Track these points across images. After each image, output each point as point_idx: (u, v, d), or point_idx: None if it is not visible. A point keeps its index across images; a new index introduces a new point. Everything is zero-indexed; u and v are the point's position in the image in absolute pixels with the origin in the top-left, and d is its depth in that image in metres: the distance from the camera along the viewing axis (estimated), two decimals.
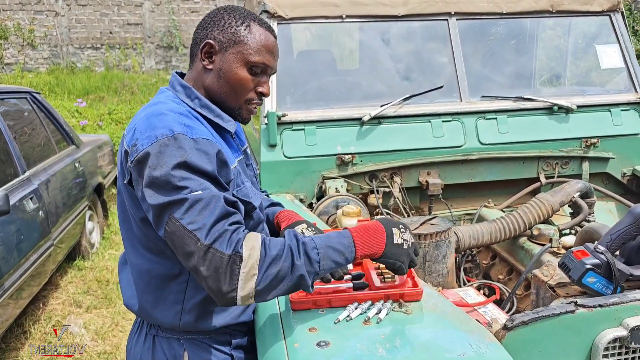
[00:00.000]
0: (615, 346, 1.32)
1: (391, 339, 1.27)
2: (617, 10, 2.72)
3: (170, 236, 1.17)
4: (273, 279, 1.18)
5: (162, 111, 1.26)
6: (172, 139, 1.19)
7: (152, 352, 1.44)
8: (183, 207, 1.16)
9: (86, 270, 4.46)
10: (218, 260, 1.14)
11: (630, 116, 2.60)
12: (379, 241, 1.29)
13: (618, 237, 1.43)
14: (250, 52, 1.34)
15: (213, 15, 1.39)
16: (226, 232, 1.16)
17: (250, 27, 1.36)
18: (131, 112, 6.88)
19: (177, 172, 1.17)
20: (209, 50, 1.36)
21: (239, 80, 1.35)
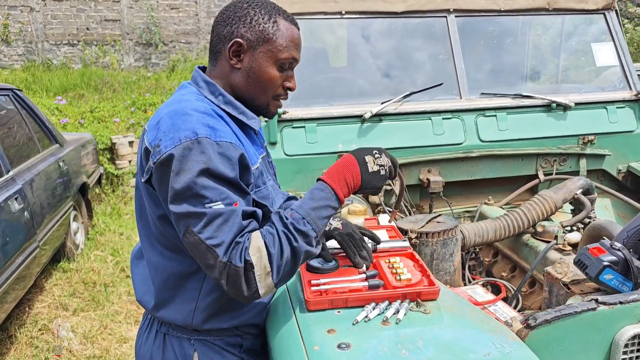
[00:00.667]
0: (635, 342, 1.32)
1: (413, 339, 1.24)
2: (612, 8, 2.75)
3: (189, 246, 1.21)
4: (284, 267, 1.24)
5: (186, 111, 1.24)
6: (195, 143, 1.18)
7: (163, 350, 1.43)
8: (202, 221, 1.18)
9: (71, 272, 4.35)
10: (234, 273, 1.19)
11: (625, 113, 2.63)
12: (354, 175, 1.33)
13: (634, 234, 1.43)
14: (280, 49, 1.32)
15: (236, 10, 1.35)
16: (238, 245, 1.20)
17: (278, 23, 1.33)
18: (113, 110, 6.75)
19: (199, 180, 1.17)
20: (237, 49, 1.33)
21: (269, 79, 1.34)
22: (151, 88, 8.54)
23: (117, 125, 6.35)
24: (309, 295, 1.40)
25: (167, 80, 9.34)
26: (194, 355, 1.41)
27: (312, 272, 1.53)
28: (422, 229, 1.89)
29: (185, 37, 12.17)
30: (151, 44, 11.90)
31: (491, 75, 2.77)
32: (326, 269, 1.53)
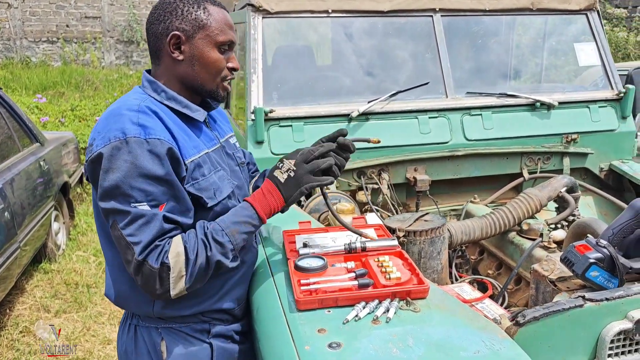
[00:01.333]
0: (620, 338, 1.34)
1: (403, 338, 1.24)
2: (594, 9, 2.79)
3: (114, 239, 1.30)
4: (197, 273, 1.32)
5: (119, 111, 1.31)
6: (124, 143, 1.25)
7: (135, 341, 1.49)
8: (126, 219, 1.26)
9: (53, 273, 4.28)
10: (148, 272, 1.27)
11: (607, 112, 2.67)
12: (273, 194, 1.41)
13: (620, 231, 1.46)
14: (217, 32, 1.39)
15: (165, 7, 1.40)
16: (157, 247, 1.28)
17: (208, 9, 1.39)
18: (95, 109, 6.65)
19: (126, 179, 1.25)
20: (177, 42, 1.38)
21: (213, 62, 1.40)
22: (133, 86, 8.44)
23: None
24: (298, 295, 1.39)
25: None
26: (161, 344, 1.45)
27: (301, 271, 1.52)
28: (410, 228, 1.90)
29: None
30: (132, 41, 11.77)
31: (476, 75, 2.79)
32: (315, 269, 1.53)
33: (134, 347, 1.48)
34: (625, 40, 8.12)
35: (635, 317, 1.32)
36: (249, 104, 2.32)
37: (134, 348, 1.48)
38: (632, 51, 8.07)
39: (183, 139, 1.38)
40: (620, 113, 2.68)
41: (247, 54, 2.40)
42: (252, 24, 2.40)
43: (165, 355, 1.45)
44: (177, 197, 1.33)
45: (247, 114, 2.34)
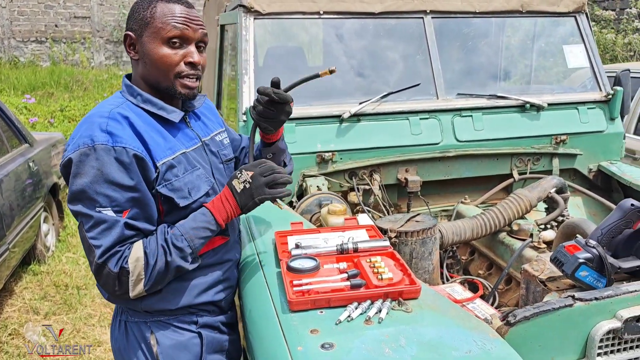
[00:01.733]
0: (609, 337, 1.36)
1: (396, 338, 1.25)
2: (582, 11, 2.82)
3: (81, 239, 1.36)
4: (156, 277, 1.38)
5: (92, 118, 1.36)
6: (92, 149, 1.30)
7: (126, 337, 1.53)
8: (90, 222, 1.32)
9: (42, 275, 4.24)
10: (107, 275, 1.34)
11: (595, 114, 2.70)
12: (230, 202, 1.46)
13: (608, 232, 1.47)
14: (161, 27, 1.39)
15: (129, 13, 1.46)
16: (117, 253, 1.34)
17: (155, 6, 1.41)
18: (85, 109, 6.60)
19: (92, 184, 1.30)
20: (130, 42, 1.43)
21: (160, 58, 1.40)
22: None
23: None
24: (291, 296, 1.39)
25: None
26: (151, 337, 1.49)
27: (293, 272, 1.53)
28: (401, 228, 1.91)
29: None
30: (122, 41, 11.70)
31: (467, 76, 2.80)
32: (307, 269, 1.53)
33: (126, 343, 1.52)
34: (613, 42, 8.21)
35: (624, 316, 1.34)
36: (241, 105, 2.32)
37: (126, 344, 1.52)
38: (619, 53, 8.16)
39: (156, 142, 1.41)
40: (609, 114, 2.71)
41: (239, 55, 2.40)
42: (243, 25, 2.40)
43: (156, 347, 1.49)
44: (142, 203, 1.38)
45: (238, 115, 2.34)
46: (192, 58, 1.42)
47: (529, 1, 2.72)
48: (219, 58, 3.33)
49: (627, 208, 1.46)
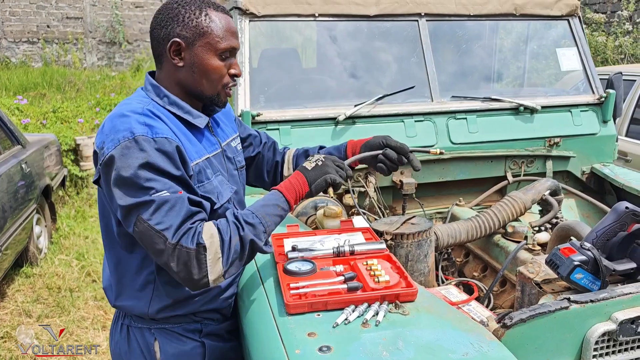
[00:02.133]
0: (604, 339, 1.37)
1: (393, 341, 1.26)
2: (575, 15, 2.84)
3: (140, 235, 1.27)
4: (233, 255, 1.32)
5: (124, 112, 1.33)
6: (133, 142, 1.27)
7: (128, 342, 1.52)
8: (150, 208, 1.25)
9: (35, 277, 4.22)
10: (185, 255, 1.26)
11: (588, 116, 2.72)
12: (299, 181, 1.45)
13: (603, 234, 1.49)
14: (217, 40, 1.39)
15: (168, 12, 1.40)
16: (190, 229, 1.28)
17: (210, 15, 1.39)
18: (77, 110, 6.56)
19: (142, 173, 1.26)
20: (177, 48, 1.39)
21: (213, 70, 1.41)
22: (116, 88, 8.36)
23: (81, 125, 6.19)
24: (288, 299, 1.39)
25: (132, 79, 9.16)
26: (155, 344, 1.48)
27: (290, 275, 1.53)
28: (397, 231, 1.91)
29: None
30: (115, 42, 11.66)
31: (461, 78, 2.82)
32: (304, 272, 1.54)
33: (127, 348, 1.51)
34: (604, 44, 8.27)
35: (619, 318, 1.35)
36: (236, 107, 2.32)
37: (127, 348, 1.51)
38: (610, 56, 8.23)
39: (186, 143, 1.40)
40: (602, 117, 2.73)
41: None
42: (238, 27, 2.40)
43: (158, 355, 1.48)
44: (192, 190, 1.36)
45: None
46: (236, 70, 1.46)
47: (522, 4, 2.74)
48: None
49: (621, 211, 1.47)
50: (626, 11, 8.51)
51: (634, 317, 1.35)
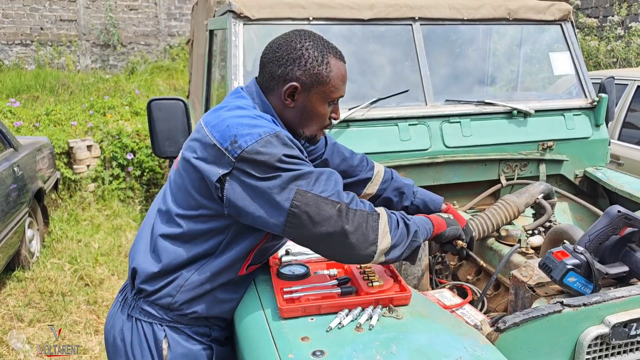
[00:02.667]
0: (597, 343, 1.37)
1: (386, 345, 1.26)
2: (568, 19, 2.86)
3: (301, 208, 1.28)
4: (400, 235, 1.38)
5: (255, 115, 1.38)
6: (274, 136, 1.31)
7: (137, 333, 1.51)
8: (310, 179, 1.30)
9: (27, 281, 4.18)
10: (360, 216, 1.31)
11: (581, 120, 2.73)
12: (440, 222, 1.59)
13: (596, 238, 1.49)
14: (333, 90, 1.45)
15: (290, 51, 1.42)
16: (354, 197, 1.35)
17: (330, 64, 1.44)
18: (71, 113, 6.52)
19: (288, 159, 1.30)
20: (293, 91, 1.44)
21: (320, 116, 1.48)
22: (110, 90, 8.32)
23: (75, 128, 6.15)
24: (281, 303, 1.39)
25: (126, 82, 9.12)
26: (164, 341, 1.49)
27: (283, 279, 1.52)
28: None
29: (145, 39, 11.94)
30: (109, 45, 11.62)
31: (455, 82, 2.83)
32: (298, 276, 1.53)
33: (132, 338, 1.50)
34: (597, 49, 8.33)
35: (612, 322, 1.35)
36: None
37: (131, 339, 1.50)
38: (602, 60, 8.28)
39: None
40: (594, 121, 2.75)
41: (228, 61, 2.40)
42: (233, 31, 2.40)
43: (166, 352, 1.48)
44: None
45: None
46: (336, 114, 1.53)
47: (515, 9, 2.76)
48: (208, 63, 3.32)
49: (614, 214, 1.48)
50: (618, 16, 8.57)
51: (627, 321, 1.36)
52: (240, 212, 1.35)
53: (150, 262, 1.49)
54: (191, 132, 2.36)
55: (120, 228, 5.33)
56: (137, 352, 1.50)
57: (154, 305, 1.50)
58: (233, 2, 2.38)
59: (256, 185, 1.30)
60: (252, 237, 1.46)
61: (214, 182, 1.34)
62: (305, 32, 1.47)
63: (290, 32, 1.48)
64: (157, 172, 6.16)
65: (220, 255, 1.46)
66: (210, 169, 1.35)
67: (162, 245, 1.47)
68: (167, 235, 1.47)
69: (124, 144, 5.97)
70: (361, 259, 1.36)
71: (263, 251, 1.53)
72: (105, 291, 4.07)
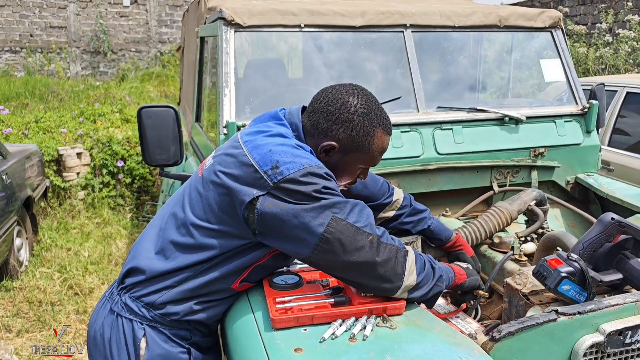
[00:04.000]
0: (592, 351, 1.37)
1: (381, 355, 1.24)
2: (558, 26, 2.87)
3: (335, 234, 1.31)
4: (425, 276, 1.42)
5: (297, 145, 1.41)
6: (315, 168, 1.34)
7: (115, 327, 1.51)
8: (346, 209, 1.33)
9: (15, 290, 4.13)
10: (390, 250, 1.36)
11: (572, 127, 2.74)
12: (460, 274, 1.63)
13: (590, 245, 1.49)
14: (369, 160, 1.51)
15: (342, 110, 1.44)
16: (385, 231, 1.39)
17: (375, 137, 1.47)
18: (60, 120, 6.46)
19: (327, 190, 1.33)
20: (330, 149, 1.47)
21: (349, 176, 1.53)
22: (100, 97, 8.27)
23: (64, 136, 6.10)
24: (274, 314, 1.37)
25: (116, 89, 9.06)
26: (142, 339, 1.48)
27: (276, 289, 1.50)
28: None
29: (136, 46, 11.90)
30: (99, 52, 11.57)
31: (446, 89, 2.83)
32: (290, 286, 1.52)
33: (111, 334, 1.50)
34: (585, 55, 8.41)
35: (607, 330, 1.35)
36: (221, 118, 2.30)
37: (110, 335, 1.50)
38: (591, 66, 8.36)
39: None
40: (585, 127, 2.76)
41: (219, 68, 2.38)
42: (224, 38, 2.38)
43: (144, 351, 1.47)
44: None
45: (218, 128, 2.31)
46: (364, 177, 1.57)
47: (506, 16, 2.76)
48: (199, 70, 3.30)
49: (607, 222, 1.47)
50: (605, 23, 8.67)
51: (622, 329, 1.35)
52: (270, 231, 1.36)
53: (153, 264, 1.49)
54: (182, 140, 2.34)
55: (110, 236, 5.28)
56: (114, 348, 1.49)
57: (137, 301, 1.50)
58: (224, 9, 2.37)
59: (292, 208, 1.32)
60: (254, 253, 1.46)
61: (246, 202, 1.35)
62: (364, 96, 1.49)
63: (348, 87, 1.50)
64: (148, 180, 6.11)
65: (218, 266, 1.46)
66: (244, 189, 1.36)
67: (171, 252, 1.47)
68: (177, 243, 1.47)
69: (114, 152, 5.93)
70: (386, 292, 1.39)
71: (260, 270, 1.52)
72: (95, 300, 4.02)
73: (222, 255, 1.44)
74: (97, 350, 1.53)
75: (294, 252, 1.38)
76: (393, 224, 1.93)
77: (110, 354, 1.50)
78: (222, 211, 1.41)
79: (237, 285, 1.50)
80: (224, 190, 1.40)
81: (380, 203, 1.89)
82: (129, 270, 1.54)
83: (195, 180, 1.54)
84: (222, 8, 2.38)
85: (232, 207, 1.39)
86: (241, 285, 1.51)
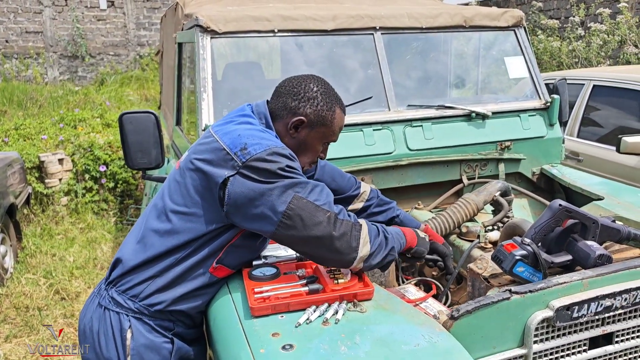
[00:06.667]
0: (543, 326, 1.50)
1: (351, 337, 1.36)
2: (520, 25, 3.01)
3: (296, 211, 1.45)
4: (378, 246, 1.56)
5: (263, 130, 1.61)
6: (281, 149, 1.52)
7: (102, 320, 1.62)
8: (307, 188, 1.49)
9: (1, 297, 4.16)
10: (346, 225, 1.49)
11: (536, 121, 2.89)
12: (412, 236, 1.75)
13: (541, 230, 1.62)
14: (331, 133, 1.71)
15: (307, 91, 1.64)
16: (342, 209, 1.54)
17: (335, 112, 1.68)
18: (40, 127, 6.46)
19: (290, 169, 1.49)
20: (299, 124, 1.65)
21: (314, 152, 1.72)
22: (80, 103, 8.27)
23: (45, 142, 6.11)
24: (252, 302, 1.48)
25: (96, 94, 9.06)
26: (128, 330, 1.59)
27: (255, 280, 1.61)
28: None
29: (114, 49, 11.86)
30: (77, 56, 11.51)
31: (417, 88, 2.95)
32: (268, 277, 1.62)
33: (99, 327, 1.61)
34: (559, 49, 8.62)
35: (556, 306, 1.48)
36: (200, 122, 2.39)
37: (98, 327, 1.61)
38: (565, 60, 8.57)
39: None
40: (548, 121, 2.91)
41: (197, 73, 2.48)
42: (200, 44, 2.48)
43: (129, 342, 1.58)
44: None
45: (198, 131, 2.41)
46: (325, 155, 1.77)
47: (471, 17, 2.90)
48: (178, 74, 3.38)
49: (556, 208, 1.61)
50: (577, 17, 8.89)
51: (569, 304, 1.48)
52: (238, 210, 1.50)
53: (134, 254, 1.61)
54: (162, 144, 2.43)
55: (95, 241, 5.32)
56: (102, 340, 1.60)
57: (123, 295, 1.61)
58: (200, 17, 2.46)
59: (258, 186, 1.47)
60: (227, 234, 1.59)
61: (219, 182, 1.50)
62: (322, 81, 1.71)
63: (309, 75, 1.71)
64: (131, 184, 6.16)
65: (196, 251, 1.58)
66: (217, 171, 1.51)
67: (150, 239, 1.60)
68: (156, 230, 1.60)
69: (96, 157, 5.96)
70: (342, 263, 1.54)
71: (234, 250, 1.63)
72: (82, 304, 4.08)
73: (199, 240, 1.57)
74: (87, 343, 1.64)
75: (259, 229, 1.52)
76: (362, 215, 2.06)
77: (98, 345, 1.61)
78: (198, 194, 1.56)
79: (214, 267, 1.61)
80: (200, 174, 1.56)
81: (348, 195, 2.05)
82: (114, 263, 1.66)
83: (173, 173, 1.69)
84: (198, 15, 2.48)
85: (208, 191, 1.54)
86: (217, 268, 1.62)
